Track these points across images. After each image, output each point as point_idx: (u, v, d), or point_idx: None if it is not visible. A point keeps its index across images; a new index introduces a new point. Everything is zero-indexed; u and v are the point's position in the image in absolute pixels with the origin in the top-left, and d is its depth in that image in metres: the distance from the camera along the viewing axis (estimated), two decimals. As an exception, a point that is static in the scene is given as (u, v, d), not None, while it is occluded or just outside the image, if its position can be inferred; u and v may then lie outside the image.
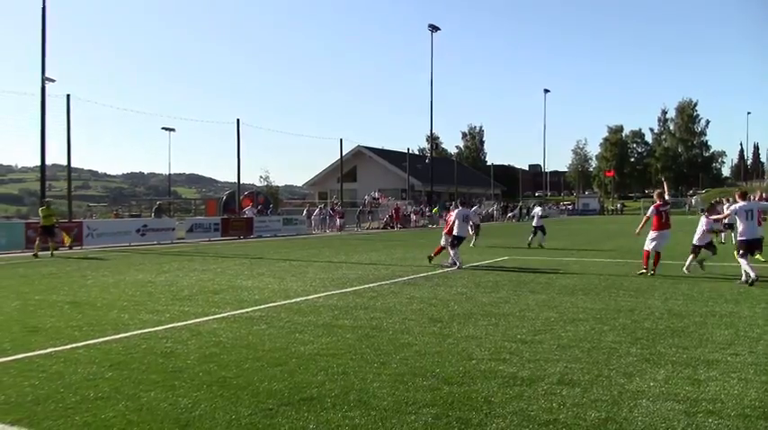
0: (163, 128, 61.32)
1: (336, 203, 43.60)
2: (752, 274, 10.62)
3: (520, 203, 71.63)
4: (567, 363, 5.59)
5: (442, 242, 15.20)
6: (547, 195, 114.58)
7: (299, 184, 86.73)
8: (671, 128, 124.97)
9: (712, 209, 13.66)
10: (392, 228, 41.59)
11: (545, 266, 14.50)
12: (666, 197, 13.19)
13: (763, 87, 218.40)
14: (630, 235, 16.86)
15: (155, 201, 42.73)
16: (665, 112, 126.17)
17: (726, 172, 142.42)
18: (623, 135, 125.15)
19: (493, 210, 62.74)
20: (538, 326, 7.33)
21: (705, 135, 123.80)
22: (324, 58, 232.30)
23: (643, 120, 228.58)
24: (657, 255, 12.64)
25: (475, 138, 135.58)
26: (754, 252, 11.35)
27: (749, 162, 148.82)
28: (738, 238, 11.17)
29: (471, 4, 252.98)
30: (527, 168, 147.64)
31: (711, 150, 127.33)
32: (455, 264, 14.22)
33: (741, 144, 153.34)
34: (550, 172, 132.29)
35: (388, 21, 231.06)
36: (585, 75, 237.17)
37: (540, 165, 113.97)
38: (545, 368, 5.44)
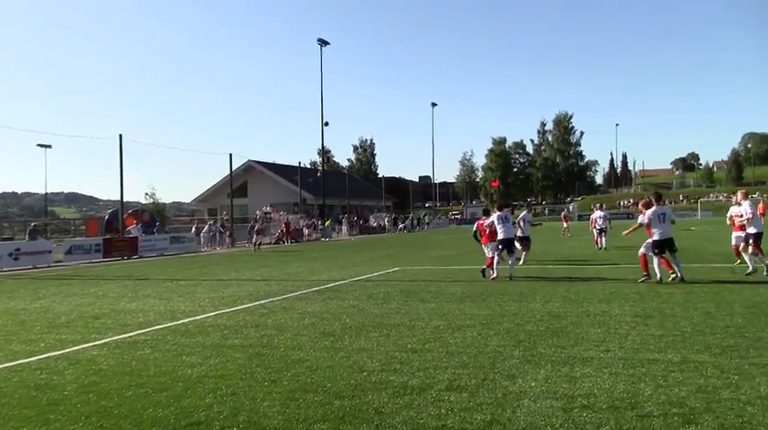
0: (38, 145, 57.80)
1: (227, 220, 42.62)
2: (658, 275, 11.64)
3: (411, 214, 73.04)
4: (455, 370, 5.76)
5: (488, 253, 14.44)
6: (436, 206, 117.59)
7: (188, 201, 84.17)
8: (549, 139, 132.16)
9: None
10: (284, 242, 41.13)
11: (435, 276, 14.88)
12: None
13: (628, 101, 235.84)
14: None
15: (29, 222, 39.86)
16: (543, 124, 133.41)
17: (599, 180, 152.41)
18: (506, 146, 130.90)
19: (385, 222, 63.56)
20: (427, 335, 7.50)
21: (580, 146, 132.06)
22: (213, 72, 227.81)
23: (524, 131, 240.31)
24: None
25: (366, 151, 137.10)
26: (671, 250, 11.91)
27: (619, 170, 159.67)
28: (652, 239, 11.90)
29: (361, 17, 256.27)
30: (417, 180, 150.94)
31: (586, 160, 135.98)
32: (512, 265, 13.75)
33: (611, 154, 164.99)
34: (440, 183, 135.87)
35: (276, 32, 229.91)
36: (471, 88, 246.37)
37: (429, 177, 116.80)
38: (434, 375, 5.58)
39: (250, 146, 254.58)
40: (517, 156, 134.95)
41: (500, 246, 13.39)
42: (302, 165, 69.51)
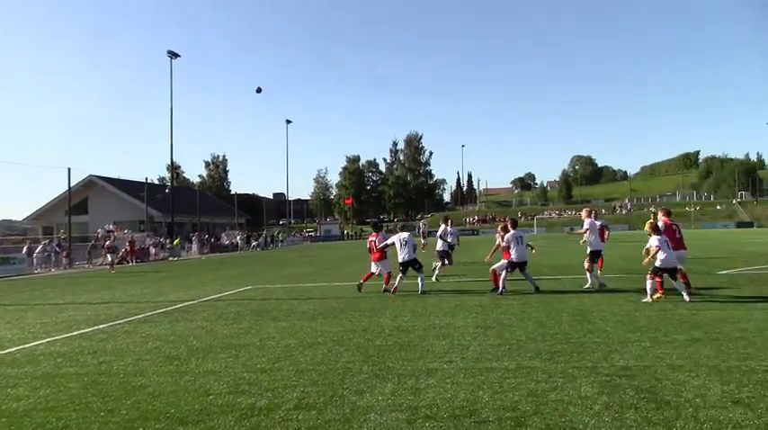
0: None
1: (64, 239, 39.53)
2: (501, 289, 12.48)
3: (264, 232, 72.01)
4: (304, 388, 5.77)
5: (374, 269, 14.11)
6: (291, 223, 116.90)
7: (20, 218, 77.24)
8: (401, 158, 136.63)
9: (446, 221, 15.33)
10: (128, 262, 38.87)
11: (287, 294, 14.77)
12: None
13: (474, 123, 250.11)
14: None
15: None
16: (395, 144, 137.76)
17: (447, 197, 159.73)
18: (360, 164, 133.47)
19: (237, 240, 62.13)
20: (278, 354, 7.44)
21: (429, 165, 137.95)
22: (49, 80, 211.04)
23: (378, 150, 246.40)
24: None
25: (218, 167, 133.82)
26: (522, 270, 12.82)
27: (465, 188, 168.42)
28: (509, 260, 12.66)
29: (213, 30, 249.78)
30: (271, 197, 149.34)
31: (435, 178, 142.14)
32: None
33: (458, 173, 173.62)
34: (294, 200, 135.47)
35: (122, 41, 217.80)
36: (326, 106, 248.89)
37: (284, 194, 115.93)
38: (283, 395, 5.55)
39: (93, 161, 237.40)
40: (370, 174, 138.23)
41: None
42: (150, 180, 66.45)
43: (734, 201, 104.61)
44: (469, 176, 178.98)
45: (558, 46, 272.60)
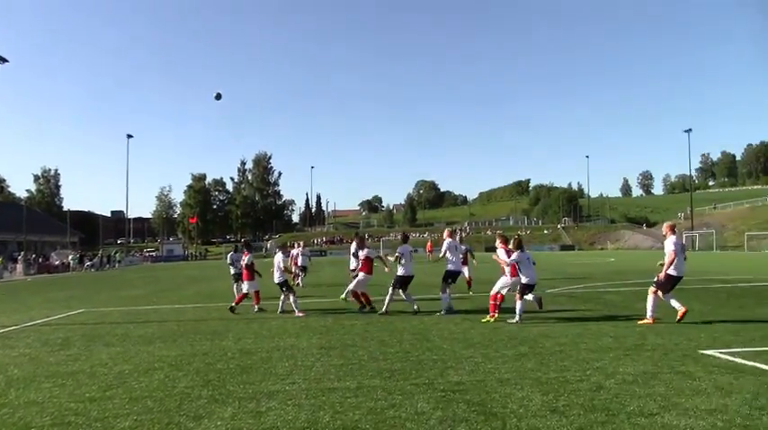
0: None
1: None
2: (414, 307, 12.56)
3: (100, 251, 67.39)
4: (137, 416, 5.49)
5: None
6: (130, 242, 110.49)
7: None
8: (249, 178, 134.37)
9: (284, 248, 15.24)
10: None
11: (122, 318, 13.92)
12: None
13: (322, 145, 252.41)
14: (212, 279, 17.27)
15: None
16: (243, 163, 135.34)
17: (295, 218, 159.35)
18: (206, 183, 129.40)
19: (69, 260, 57.58)
20: (110, 381, 7.01)
21: (278, 185, 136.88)
22: None
23: (225, 169, 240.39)
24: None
25: (50, 182, 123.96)
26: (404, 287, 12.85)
27: (313, 210, 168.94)
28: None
29: (47, 35, 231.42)
30: (109, 215, 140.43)
31: (283, 199, 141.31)
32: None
33: (307, 194, 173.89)
34: (134, 218, 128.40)
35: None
36: (170, 123, 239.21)
37: (123, 212, 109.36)
38: (113, 425, 5.25)
39: None
40: (217, 193, 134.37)
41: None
42: (-35, 194, 59.85)
43: (558, 226, 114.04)
44: (318, 198, 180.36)
45: (399, 74, 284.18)
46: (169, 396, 6.24)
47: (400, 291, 12.85)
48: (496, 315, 11.15)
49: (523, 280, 11.11)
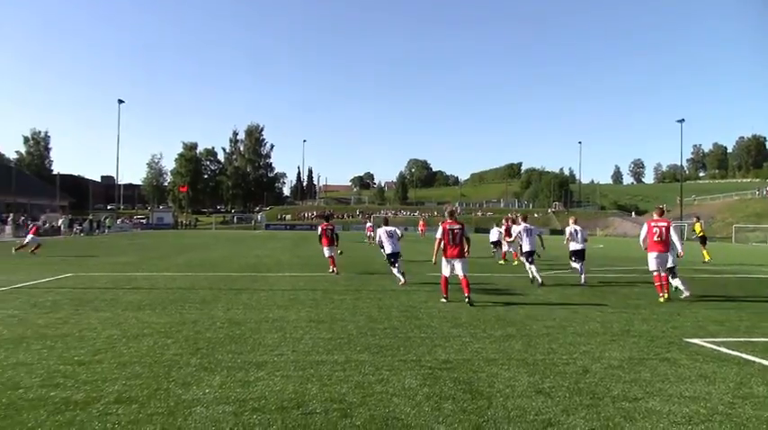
0: None
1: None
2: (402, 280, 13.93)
3: (90, 216, 67.03)
4: (126, 381, 5.51)
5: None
6: (120, 208, 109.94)
7: None
8: (241, 149, 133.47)
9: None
10: None
11: (112, 283, 13.91)
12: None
13: (315, 119, 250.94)
14: (202, 248, 17.29)
15: None
16: (236, 134, 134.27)
17: (287, 191, 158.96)
18: (198, 152, 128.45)
19: (59, 224, 57.21)
20: (99, 346, 7.02)
21: (270, 158, 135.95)
22: None
23: (217, 139, 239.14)
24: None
25: (39, 144, 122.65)
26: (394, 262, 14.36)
27: (305, 184, 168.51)
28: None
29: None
30: (99, 180, 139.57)
31: (275, 172, 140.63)
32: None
33: (299, 168, 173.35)
34: (125, 184, 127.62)
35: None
36: (162, 88, 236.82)
37: (113, 177, 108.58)
38: (102, 388, 5.27)
39: None
40: (208, 163, 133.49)
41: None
42: (-47, 152, 59.26)
43: (549, 211, 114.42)
44: (310, 172, 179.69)
45: (397, 49, 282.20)
46: (158, 362, 6.26)
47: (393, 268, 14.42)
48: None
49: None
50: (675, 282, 12.27)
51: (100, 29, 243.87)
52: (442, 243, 11.13)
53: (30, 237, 25.65)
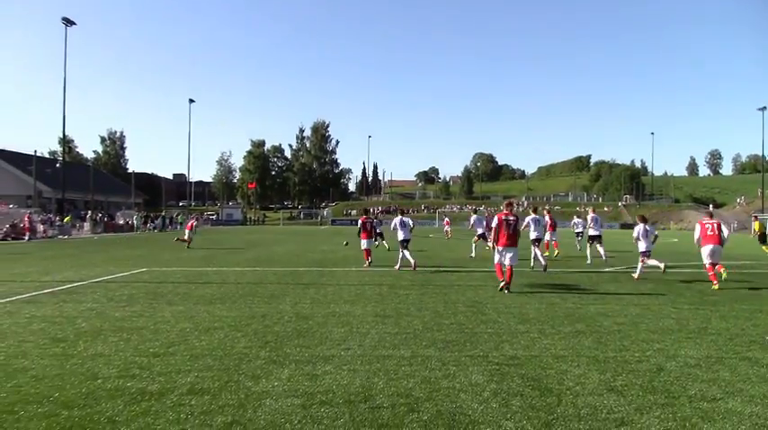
0: None
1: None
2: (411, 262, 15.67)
3: (163, 213, 69.51)
4: (198, 373, 5.67)
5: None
6: (191, 205, 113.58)
7: None
8: (307, 145, 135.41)
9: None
10: (13, 239, 36.41)
11: (184, 277, 14.37)
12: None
13: (381, 115, 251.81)
14: (270, 243, 17.67)
15: None
16: (302, 131, 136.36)
17: (352, 187, 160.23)
18: (265, 149, 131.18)
19: (134, 220, 59.62)
20: (172, 338, 7.26)
21: (335, 154, 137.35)
22: None
23: (284, 136, 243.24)
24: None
25: (115, 144, 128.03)
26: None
27: (370, 179, 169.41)
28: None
29: (114, 3, 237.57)
30: (171, 177, 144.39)
31: (340, 167, 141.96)
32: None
33: (364, 163, 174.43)
34: (195, 182, 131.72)
35: (18, 3, 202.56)
36: (232, 88, 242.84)
37: (185, 175, 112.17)
38: (176, 380, 5.44)
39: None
40: (275, 159, 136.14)
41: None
42: (39, 154, 62.54)
43: (620, 204, 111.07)
44: (375, 167, 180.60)
45: (461, 46, 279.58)
46: (228, 355, 6.42)
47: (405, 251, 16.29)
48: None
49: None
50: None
51: (175, 31, 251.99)
52: (498, 231, 11.84)
53: (187, 232, 27.80)
